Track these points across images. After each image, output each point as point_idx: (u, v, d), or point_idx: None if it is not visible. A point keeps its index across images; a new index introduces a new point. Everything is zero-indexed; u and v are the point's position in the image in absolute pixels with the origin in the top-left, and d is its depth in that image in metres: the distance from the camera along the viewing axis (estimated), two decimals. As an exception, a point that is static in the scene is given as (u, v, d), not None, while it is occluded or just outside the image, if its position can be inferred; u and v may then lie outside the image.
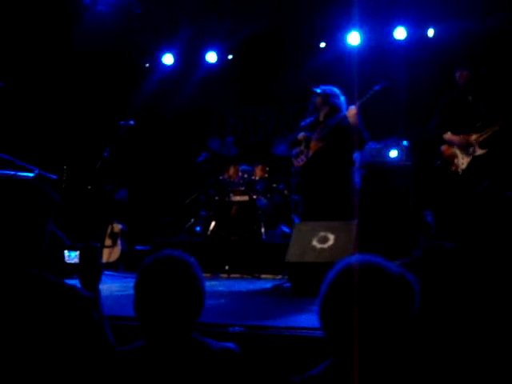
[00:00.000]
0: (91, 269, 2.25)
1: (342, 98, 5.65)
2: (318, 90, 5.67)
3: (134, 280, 2.07)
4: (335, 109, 5.61)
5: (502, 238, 4.59)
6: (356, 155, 5.70)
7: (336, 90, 5.68)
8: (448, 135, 5.32)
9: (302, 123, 5.91)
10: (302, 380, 1.67)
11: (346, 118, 5.42)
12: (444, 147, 5.35)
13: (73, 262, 2.44)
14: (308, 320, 3.43)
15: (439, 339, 1.79)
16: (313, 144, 5.67)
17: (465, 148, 5.20)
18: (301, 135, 5.78)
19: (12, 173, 5.72)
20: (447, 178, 5.35)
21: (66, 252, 2.46)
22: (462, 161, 5.21)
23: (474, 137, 5.16)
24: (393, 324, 1.57)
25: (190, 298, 1.93)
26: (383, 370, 1.59)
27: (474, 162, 5.15)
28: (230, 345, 1.95)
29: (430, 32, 7.54)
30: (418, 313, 1.63)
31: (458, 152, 5.24)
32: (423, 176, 6.76)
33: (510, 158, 5.12)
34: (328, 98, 5.62)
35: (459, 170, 5.23)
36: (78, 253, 2.33)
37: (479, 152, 5.14)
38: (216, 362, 1.87)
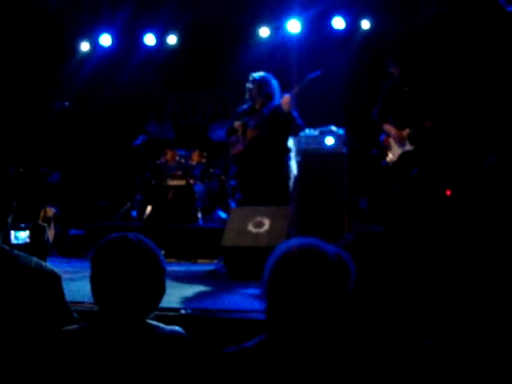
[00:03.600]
0: (39, 248, 2.27)
1: (275, 82, 5.72)
2: (256, 76, 5.72)
3: (67, 264, 2.10)
4: (269, 97, 5.69)
5: (429, 223, 4.77)
6: (293, 142, 5.79)
7: (268, 77, 5.74)
8: (387, 126, 5.44)
9: (238, 110, 5.95)
10: (235, 352, 1.72)
11: (280, 106, 5.51)
12: (384, 137, 5.48)
13: (19, 242, 2.43)
14: (242, 302, 3.49)
15: (371, 316, 1.88)
16: (249, 132, 5.74)
17: (399, 142, 5.33)
18: (237, 123, 5.83)
19: None
20: (379, 167, 5.49)
21: (12, 233, 2.45)
22: (394, 152, 5.34)
23: (406, 131, 5.28)
24: (331, 301, 1.65)
25: (151, 280, 1.91)
26: (322, 345, 1.67)
27: (403, 156, 5.28)
28: (179, 329, 1.96)
29: (365, 23, 7.69)
30: (352, 292, 1.71)
31: (393, 144, 5.37)
32: (359, 163, 6.92)
33: (436, 157, 5.26)
34: (261, 87, 5.70)
35: (390, 161, 5.37)
36: (27, 233, 2.34)
37: (408, 147, 5.27)
38: (165, 345, 1.88)
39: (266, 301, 1.71)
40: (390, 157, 5.36)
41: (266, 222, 4.95)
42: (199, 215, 7.03)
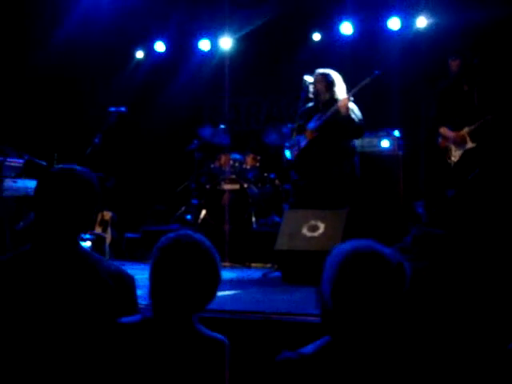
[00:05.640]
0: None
1: (340, 79, 5.63)
2: (323, 73, 5.62)
3: (123, 267, 2.17)
4: (335, 94, 5.56)
5: (491, 224, 4.62)
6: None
7: (334, 74, 5.64)
8: (443, 130, 5.36)
9: (302, 109, 5.86)
10: (293, 358, 1.67)
11: (338, 109, 5.41)
12: (440, 140, 5.41)
13: None
14: (297, 306, 3.44)
15: (430, 318, 1.82)
16: (307, 134, 5.69)
17: (458, 144, 5.25)
18: (296, 126, 5.80)
19: (1, 159, 5.69)
20: (440, 168, 5.40)
21: None
22: (455, 153, 5.27)
23: (466, 129, 5.20)
24: (391, 303, 1.63)
25: (209, 282, 1.97)
26: (381, 347, 1.64)
27: (466, 154, 5.20)
28: (220, 336, 1.99)
29: (422, 22, 7.52)
30: (412, 295, 1.66)
31: (452, 146, 5.29)
32: (416, 166, 6.78)
33: (499, 152, 5.15)
34: (330, 85, 5.58)
35: (452, 162, 5.29)
36: (89, 243, 2.45)
37: (470, 145, 5.18)
38: (203, 347, 1.91)
39: (331, 304, 1.66)
40: (452, 159, 5.28)
41: (321, 226, 4.89)
42: (253, 219, 7.02)
